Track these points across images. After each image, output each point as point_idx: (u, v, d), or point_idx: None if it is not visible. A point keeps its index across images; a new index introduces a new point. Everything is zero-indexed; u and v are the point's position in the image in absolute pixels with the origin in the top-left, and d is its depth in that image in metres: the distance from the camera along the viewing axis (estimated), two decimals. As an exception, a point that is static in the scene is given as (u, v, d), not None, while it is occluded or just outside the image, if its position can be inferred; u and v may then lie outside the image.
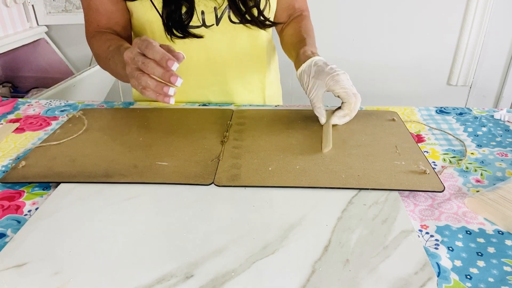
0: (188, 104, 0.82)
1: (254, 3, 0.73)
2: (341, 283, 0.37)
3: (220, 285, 0.37)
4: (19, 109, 0.80)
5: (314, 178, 0.53)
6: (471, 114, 0.73)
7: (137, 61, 0.55)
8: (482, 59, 1.73)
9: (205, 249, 0.42)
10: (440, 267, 0.40)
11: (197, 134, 0.65)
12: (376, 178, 0.52)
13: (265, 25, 0.77)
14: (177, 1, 0.69)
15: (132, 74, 0.57)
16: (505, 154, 0.60)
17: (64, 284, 0.38)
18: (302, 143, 0.62)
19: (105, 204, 0.49)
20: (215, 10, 0.73)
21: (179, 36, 0.73)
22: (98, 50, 0.73)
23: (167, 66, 0.53)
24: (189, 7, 0.71)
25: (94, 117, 0.72)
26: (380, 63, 1.79)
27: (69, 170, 0.56)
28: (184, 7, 0.71)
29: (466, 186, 0.52)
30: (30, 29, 1.72)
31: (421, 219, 0.46)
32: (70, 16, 1.78)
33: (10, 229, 0.46)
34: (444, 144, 0.63)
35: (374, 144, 0.61)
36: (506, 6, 1.63)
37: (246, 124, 0.68)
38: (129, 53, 0.57)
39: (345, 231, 0.44)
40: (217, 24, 0.74)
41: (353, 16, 1.71)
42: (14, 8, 1.64)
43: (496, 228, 0.45)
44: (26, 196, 0.52)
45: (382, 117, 0.70)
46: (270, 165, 0.56)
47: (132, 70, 0.57)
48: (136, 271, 0.39)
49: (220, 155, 0.59)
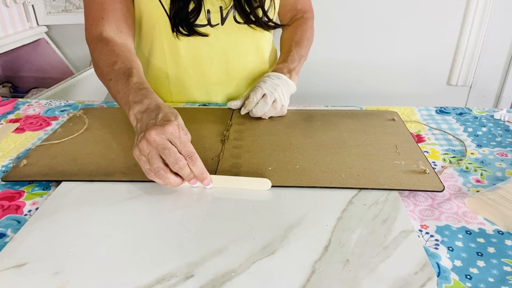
0: (188, 104, 0.82)
1: (259, 4, 0.74)
2: (341, 283, 0.37)
3: (220, 285, 0.37)
4: (19, 109, 0.80)
5: (314, 177, 0.53)
6: (471, 114, 0.73)
7: (167, 155, 0.48)
8: (482, 59, 1.73)
9: (205, 249, 0.42)
10: (440, 267, 0.40)
11: (197, 133, 0.65)
12: (376, 177, 0.52)
13: (269, 26, 0.77)
14: None
15: (152, 162, 0.49)
16: (505, 154, 0.60)
17: (64, 284, 0.38)
18: (302, 143, 0.62)
19: (105, 204, 0.49)
20: (221, 10, 0.73)
21: (184, 34, 0.73)
22: (99, 62, 0.66)
23: (201, 181, 0.51)
24: (196, 4, 0.71)
25: (95, 116, 0.72)
26: (380, 63, 1.79)
27: (70, 168, 0.56)
28: (191, 5, 0.71)
29: (466, 186, 0.52)
30: (30, 29, 1.71)
31: (421, 219, 0.46)
32: (70, 16, 1.77)
33: (10, 229, 0.46)
34: (444, 144, 0.63)
35: (374, 143, 0.61)
36: (506, 6, 1.63)
37: (246, 124, 0.68)
38: (156, 137, 0.48)
39: (345, 231, 0.44)
40: (222, 23, 0.75)
41: (353, 16, 1.71)
42: (14, 8, 1.64)
43: (496, 228, 0.45)
44: (26, 196, 0.52)
45: (382, 117, 0.70)
46: (270, 165, 0.56)
47: (153, 154, 0.49)
48: (136, 271, 0.39)
49: (220, 154, 0.59)
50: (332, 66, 1.79)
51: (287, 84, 0.73)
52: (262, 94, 0.70)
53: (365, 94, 1.85)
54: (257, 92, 0.70)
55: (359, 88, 1.84)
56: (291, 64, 0.77)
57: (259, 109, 0.69)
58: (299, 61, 0.79)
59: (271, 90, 0.70)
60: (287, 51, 0.81)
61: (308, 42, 0.84)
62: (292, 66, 0.77)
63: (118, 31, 0.71)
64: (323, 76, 1.82)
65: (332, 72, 1.81)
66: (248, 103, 0.70)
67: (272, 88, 0.70)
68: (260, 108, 0.69)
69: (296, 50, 0.80)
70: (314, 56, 1.77)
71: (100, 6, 0.70)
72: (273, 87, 0.70)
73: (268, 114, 0.70)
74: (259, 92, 0.70)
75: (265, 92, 0.69)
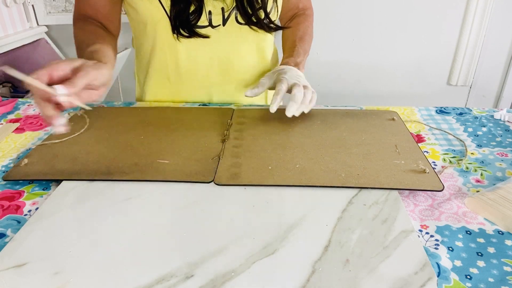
0: (189, 104, 0.82)
1: (261, 5, 0.73)
2: (341, 283, 0.37)
3: (220, 285, 0.37)
4: (19, 109, 0.80)
5: (314, 177, 0.53)
6: (471, 114, 0.73)
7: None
8: (482, 59, 1.73)
9: (205, 249, 0.42)
10: (440, 267, 0.40)
11: (198, 133, 0.65)
12: (376, 177, 0.52)
13: (270, 28, 0.77)
14: (186, 0, 0.69)
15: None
16: (505, 154, 0.60)
17: (64, 284, 0.38)
18: (302, 142, 0.62)
19: (105, 204, 0.49)
20: (222, 11, 0.73)
21: (185, 36, 0.73)
22: (76, 39, 0.73)
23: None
24: (197, 6, 0.70)
25: (96, 116, 0.72)
26: (380, 63, 1.79)
27: (71, 168, 0.56)
28: (192, 7, 0.71)
29: (466, 186, 0.52)
30: (30, 29, 1.71)
31: (421, 219, 0.46)
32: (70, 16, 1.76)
33: (10, 229, 0.46)
34: (444, 144, 0.63)
35: (374, 143, 0.61)
36: (506, 6, 1.63)
37: (246, 124, 0.68)
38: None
39: (345, 231, 0.44)
40: (224, 24, 0.74)
41: (353, 16, 1.71)
42: (14, 8, 1.64)
43: (496, 228, 0.45)
44: (26, 196, 0.52)
45: (382, 117, 0.70)
46: (270, 164, 0.56)
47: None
48: (136, 271, 0.39)
49: (220, 154, 0.59)
50: (332, 66, 1.79)
51: (299, 74, 0.71)
52: (289, 85, 0.65)
53: (365, 94, 1.85)
54: (283, 83, 0.65)
55: (359, 88, 1.84)
56: (297, 58, 0.76)
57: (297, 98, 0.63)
58: (304, 56, 0.79)
59: (295, 81, 0.66)
60: (292, 46, 0.80)
61: (310, 38, 0.84)
62: (298, 60, 0.76)
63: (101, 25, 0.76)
64: (323, 76, 1.82)
65: (332, 72, 1.81)
66: (277, 97, 0.64)
67: (296, 78, 0.67)
68: (298, 98, 0.64)
69: (300, 45, 0.80)
70: (314, 56, 1.78)
71: (84, 2, 0.75)
72: (296, 77, 0.67)
73: (302, 108, 0.66)
74: (284, 83, 0.65)
75: (294, 82, 0.65)
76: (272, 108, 0.65)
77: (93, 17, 0.76)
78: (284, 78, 0.67)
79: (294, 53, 0.78)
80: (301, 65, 0.76)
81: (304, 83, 0.69)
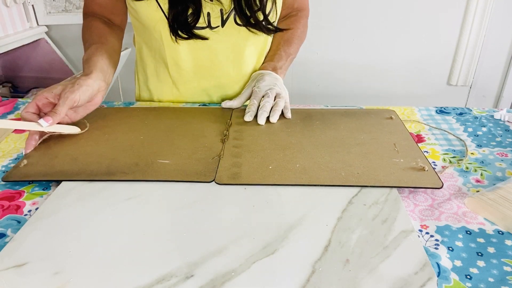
0: (189, 104, 0.82)
1: (259, 7, 0.73)
2: (341, 283, 0.37)
3: (220, 285, 0.37)
4: (19, 109, 0.80)
5: (314, 176, 0.53)
6: (471, 114, 0.73)
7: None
8: (482, 59, 1.73)
9: (205, 249, 0.42)
10: (440, 267, 0.40)
11: (198, 133, 0.65)
12: (375, 175, 0.52)
13: (269, 30, 0.77)
14: (184, 3, 0.69)
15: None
16: (505, 154, 0.60)
17: (64, 284, 0.38)
18: (301, 142, 0.62)
19: (105, 204, 0.49)
20: (221, 13, 0.73)
21: (184, 37, 0.73)
22: (82, 38, 0.77)
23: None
24: (195, 9, 0.70)
25: (95, 116, 0.72)
26: (380, 63, 1.79)
27: (70, 168, 0.56)
28: (190, 9, 0.70)
29: (466, 186, 0.52)
30: (30, 29, 1.72)
31: (421, 219, 0.46)
32: (70, 16, 1.78)
33: (10, 229, 0.46)
34: (444, 144, 0.63)
35: (372, 142, 0.61)
36: (506, 6, 1.63)
37: (246, 124, 0.68)
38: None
39: (345, 231, 0.44)
40: (222, 26, 0.74)
41: (353, 16, 1.71)
42: (14, 8, 1.64)
43: (496, 228, 0.45)
44: (26, 196, 0.52)
45: (380, 116, 0.70)
46: (270, 164, 0.56)
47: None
48: (136, 271, 0.39)
49: (220, 153, 0.59)
50: (332, 66, 1.79)
51: (276, 78, 0.74)
52: (262, 95, 0.70)
53: (365, 94, 1.85)
54: (257, 95, 0.71)
55: (359, 88, 1.84)
56: (277, 62, 0.78)
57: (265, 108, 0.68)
58: (286, 59, 0.80)
59: (267, 90, 0.71)
60: (275, 49, 0.82)
61: (299, 40, 0.85)
62: (279, 64, 0.78)
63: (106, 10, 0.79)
64: (323, 76, 1.82)
65: (332, 72, 1.81)
66: (250, 110, 0.69)
67: (269, 86, 0.71)
68: (267, 108, 0.68)
69: (284, 48, 0.81)
70: (314, 56, 1.78)
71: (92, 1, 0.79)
72: (270, 85, 0.71)
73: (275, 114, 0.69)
74: (258, 94, 0.71)
75: (265, 92, 0.70)
76: (245, 118, 0.69)
77: (100, 13, 0.79)
78: (255, 91, 0.72)
79: (275, 57, 0.80)
80: (280, 69, 0.77)
81: (278, 90, 0.71)
